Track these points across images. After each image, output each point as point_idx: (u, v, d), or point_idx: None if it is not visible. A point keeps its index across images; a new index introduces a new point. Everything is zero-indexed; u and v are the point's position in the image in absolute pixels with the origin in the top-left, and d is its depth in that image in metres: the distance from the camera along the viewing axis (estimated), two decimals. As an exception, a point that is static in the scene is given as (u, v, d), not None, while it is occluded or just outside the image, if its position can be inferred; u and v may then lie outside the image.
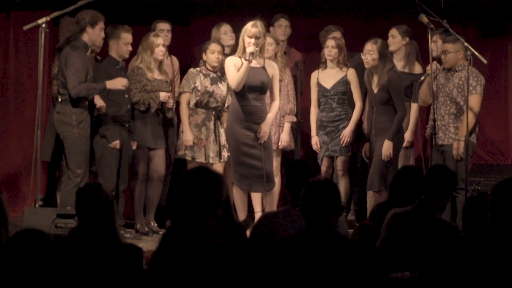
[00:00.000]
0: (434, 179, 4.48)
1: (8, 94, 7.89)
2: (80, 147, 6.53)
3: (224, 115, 7.09)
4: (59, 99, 6.56)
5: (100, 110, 6.66)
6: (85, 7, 6.56)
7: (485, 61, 6.53)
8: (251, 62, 6.44)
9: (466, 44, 6.45)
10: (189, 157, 7.05)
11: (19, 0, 7.76)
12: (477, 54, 6.41)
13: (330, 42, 7.34)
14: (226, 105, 7.09)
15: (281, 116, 7.31)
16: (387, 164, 6.56)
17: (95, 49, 6.81)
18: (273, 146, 6.97)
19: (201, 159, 7.03)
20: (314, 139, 7.39)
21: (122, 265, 3.56)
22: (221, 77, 7.13)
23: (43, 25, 6.33)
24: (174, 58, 7.59)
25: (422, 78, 6.82)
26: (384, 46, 6.77)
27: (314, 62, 7.66)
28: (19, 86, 7.86)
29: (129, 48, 6.87)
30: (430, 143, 6.91)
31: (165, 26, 7.44)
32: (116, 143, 6.71)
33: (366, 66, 6.72)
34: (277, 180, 6.91)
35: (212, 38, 7.39)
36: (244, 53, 6.52)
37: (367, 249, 3.59)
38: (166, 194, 7.35)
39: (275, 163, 7.10)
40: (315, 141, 7.38)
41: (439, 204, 4.46)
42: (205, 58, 7.15)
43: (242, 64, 6.46)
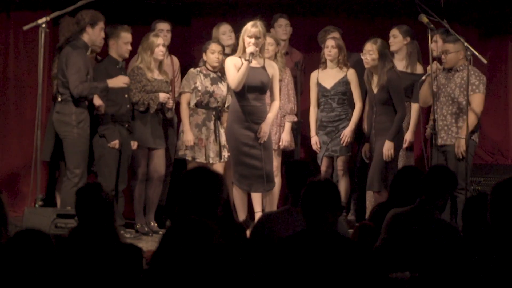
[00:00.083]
0: (434, 179, 4.47)
1: (8, 94, 7.88)
2: (79, 147, 6.52)
3: (225, 115, 7.09)
4: (59, 99, 6.55)
5: (99, 110, 6.65)
6: (85, 7, 6.56)
7: (485, 61, 6.53)
8: (251, 62, 6.45)
9: (466, 44, 6.46)
10: (189, 157, 7.05)
11: (19, 0, 7.76)
12: (477, 54, 6.41)
13: (330, 42, 7.34)
14: (226, 105, 7.09)
15: (282, 116, 7.31)
16: (387, 164, 6.56)
17: (95, 49, 6.80)
18: (273, 146, 6.97)
19: (201, 159, 7.02)
20: (314, 139, 7.39)
21: (122, 265, 3.56)
22: (221, 77, 7.12)
23: (43, 25, 6.32)
24: (174, 58, 7.59)
25: (423, 78, 6.83)
26: (384, 46, 6.77)
27: (314, 62, 7.66)
28: (19, 86, 7.85)
29: (129, 47, 6.87)
30: (430, 143, 6.92)
31: (165, 26, 7.43)
32: (115, 143, 6.70)
33: (366, 66, 6.72)
34: (277, 180, 6.92)
35: (212, 38, 7.39)
36: (244, 53, 6.53)
37: (367, 249, 3.59)
38: (166, 194, 7.35)
39: (276, 163, 7.10)
40: (314, 141, 7.38)
41: (439, 204, 4.46)
42: (205, 58, 7.14)
43: (242, 64, 6.47)
